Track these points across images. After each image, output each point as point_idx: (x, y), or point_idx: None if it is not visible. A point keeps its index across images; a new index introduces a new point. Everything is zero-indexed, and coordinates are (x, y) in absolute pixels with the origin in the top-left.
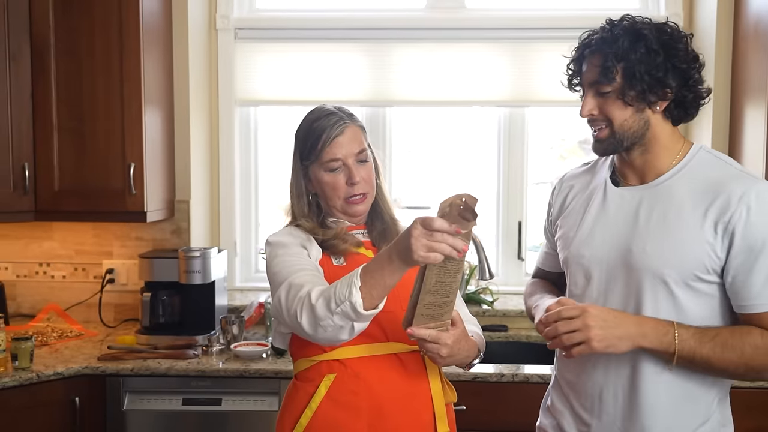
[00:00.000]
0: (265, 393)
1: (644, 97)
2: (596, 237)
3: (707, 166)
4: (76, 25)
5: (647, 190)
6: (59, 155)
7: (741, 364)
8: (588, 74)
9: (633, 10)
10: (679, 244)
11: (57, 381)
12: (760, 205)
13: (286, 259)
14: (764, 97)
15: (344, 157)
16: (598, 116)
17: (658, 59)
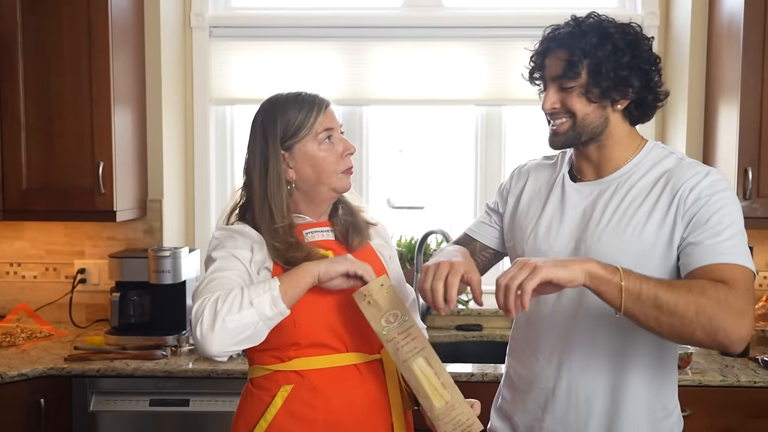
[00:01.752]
0: (233, 394)
1: (608, 95)
2: (553, 231)
3: (660, 159)
4: (44, 23)
5: (603, 184)
6: (27, 154)
7: (692, 301)
8: (552, 68)
9: (611, 9)
10: (633, 232)
11: (21, 382)
12: (711, 183)
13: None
14: (737, 94)
15: (334, 127)
16: (560, 110)
17: (624, 58)
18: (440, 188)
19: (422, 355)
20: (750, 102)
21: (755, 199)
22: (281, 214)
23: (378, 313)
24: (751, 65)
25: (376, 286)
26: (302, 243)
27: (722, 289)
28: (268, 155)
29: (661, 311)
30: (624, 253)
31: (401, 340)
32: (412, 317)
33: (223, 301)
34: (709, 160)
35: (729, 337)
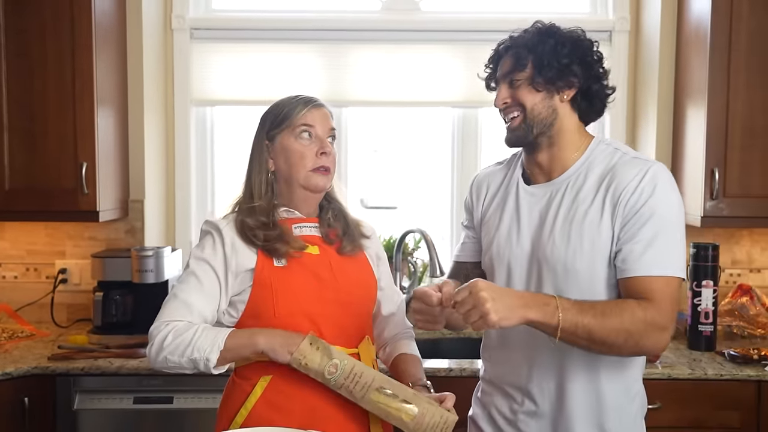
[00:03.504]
0: (216, 390)
1: (553, 83)
2: (513, 236)
3: (605, 156)
4: (27, 24)
5: (554, 185)
6: (10, 155)
7: (622, 330)
8: (503, 68)
9: (583, 14)
10: (584, 235)
11: (5, 381)
12: (648, 184)
13: (187, 277)
14: (704, 98)
15: (318, 126)
16: (511, 104)
17: (565, 50)
18: (416, 189)
19: (374, 386)
20: (717, 105)
21: (721, 199)
22: (259, 195)
23: (319, 369)
24: (717, 69)
25: (307, 347)
26: (278, 225)
27: (649, 310)
28: (256, 143)
29: (593, 342)
30: (577, 257)
31: (350, 384)
32: (350, 359)
33: (171, 341)
34: (677, 162)
35: (651, 352)
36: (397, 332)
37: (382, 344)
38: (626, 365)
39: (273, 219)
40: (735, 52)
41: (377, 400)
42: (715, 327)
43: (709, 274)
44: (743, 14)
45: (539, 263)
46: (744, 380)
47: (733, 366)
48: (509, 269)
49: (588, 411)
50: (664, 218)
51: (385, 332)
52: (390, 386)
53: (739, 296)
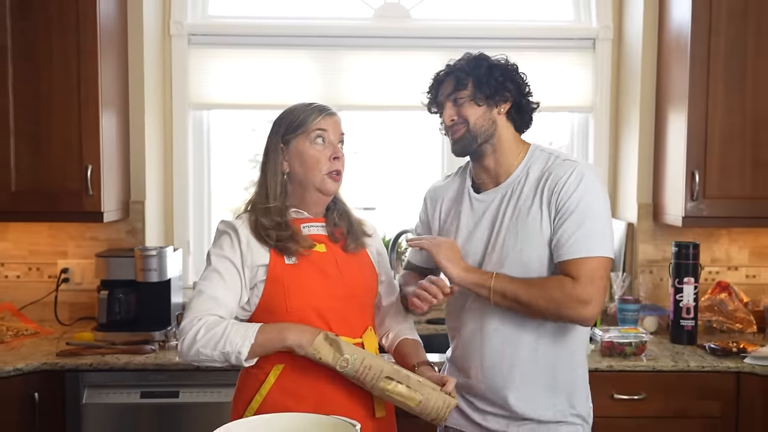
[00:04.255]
0: (221, 385)
1: (491, 97)
2: (470, 241)
3: (541, 161)
4: (33, 29)
5: (501, 190)
6: (16, 157)
7: (543, 297)
8: (445, 90)
9: (567, 22)
10: (531, 232)
11: (16, 377)
12: (575, 179)
13: (210, 274)
14: (685, 103)
15: (331, 132)
16: (456, 120)
17: (497, 72)
18: (407, 190)
19: (383, 376)
20: (697, 111)
21: (702, 200)
22: (274, 196)
23: (332, 363)
24: (697, 76)
25: (321, 343)
26: (290, 225)
27: (568, 284)
28: (271, 147)
29: (520, 305)
30: (527, 249)
31: (361, 375)
32: (360, 352)
33: (204, 334)
34: (659, 165)
35: (574, 320)
36: (398, 321)
37: (384, 332)
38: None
39: (285, 220)
40: (714, 60)
41: (385, 389)
42: (696, 322)
43: (690, 272)
44: (722, 24)
45: (495, 261)
46: (724, 372)
47: (714, 358)
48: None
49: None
50: (588, 207)
51: (387, 321)
52: (397, 376)
53: (718, 293)
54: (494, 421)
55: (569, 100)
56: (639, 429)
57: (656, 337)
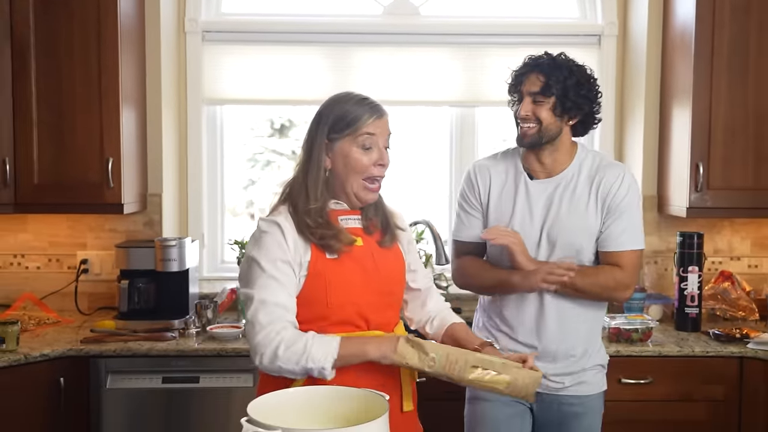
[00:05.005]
0: (240, 371)
1: (567, 112)
2: (526, 223)
3: (590, 159)
4: (55, 25)
5: (555, 182)
6: (39, 150)
7: (597, 283)
8: (531, 86)
9: (573, 19)
10: (583, 220)
11: (43, 362)
12: (622, 182)
13: (267, 281)
14: (689, 98)
15: (378, 136)
16: (531, 117)
17: (583, 90)
18: (415, 183)
19: (468, 366)
20: (701, 105)
21: (706, 191)
22: (315, 197)
23: (420, 365)
24: (701, 72)
25: (405, 348)
26: (331, 222)
27: (617, 273)
28: (314, 141)
29: (576, 291)
30: (579, 234)
31: (448, 370)
32: (442, 349)
33: (284, 350)
34: (663, 157)
35: (618, 301)
36: (439, 305)
37: (425, 317)
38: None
39: (327, 219)
40: (717, 55)
41: (473, 378)
42: (701, 309)
43: (694, 261)
44: (725, 20)
45: (548, 241)
46: (728, 357)
47: (718, 344)
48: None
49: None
50: (632, 206)
51: (429, 305)
52: (481, 363)
53: (721, 282)
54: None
55: None
56: (645, 412)
57: (661, 325)
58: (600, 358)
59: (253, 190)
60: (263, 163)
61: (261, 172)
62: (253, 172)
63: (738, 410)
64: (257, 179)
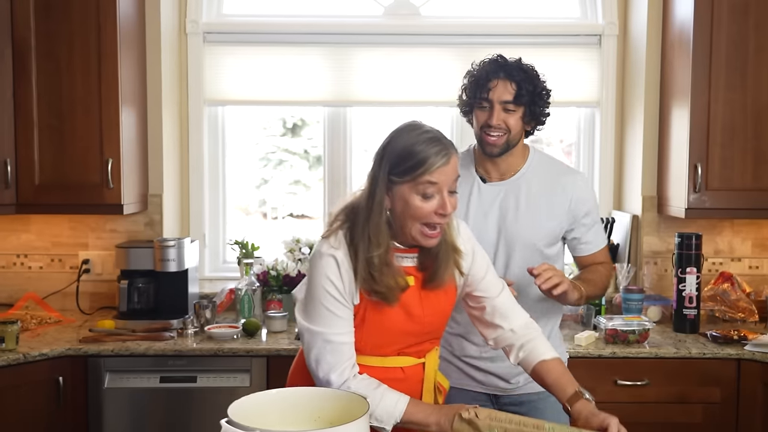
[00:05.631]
0: (237, 371)
1: (536, 120)
2: (480, 226)
3: (544, 164)
4: (56, 29)
5: (509, 184)
6: (39, 151)
7: (602, 287)
8: (502, 94)
9: (573, 19)
10: (542, 219)
11: (42, 362)
12: (584, 189)
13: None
14: (687, 98)
15: (441, 185)
16: (502, 126)
17: (547, 98)
18: None
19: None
20: (699, 105)
21: (704, 192)
22: (377, 243)
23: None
24: (699, 72)
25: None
26: (392, 267)
27: (607, 270)
28: (377, 178)
29: (592, 298)
30: (536, 237)
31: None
32: (499, 422)
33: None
34: (663, 158)
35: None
36: (525, 327)
37: (508, 340)
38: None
39: (389, 261)
40: (716, 55)
41: None
42: (699, 311)
43: (692, 262)
44: (723, 20)
45: (506, 244)
46: (725, 359)
47: (715, 346)
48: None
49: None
50: (596, 208)
51: (511, 323)
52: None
53: (720, 283)
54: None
55: (576, 95)
56: (641, 414)
57: (660, 327)
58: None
59: (266, 189)
60: (275, 162)
61: (273, 171)
62: (265, 171)
63: (735, 413)
64: (270, 178)
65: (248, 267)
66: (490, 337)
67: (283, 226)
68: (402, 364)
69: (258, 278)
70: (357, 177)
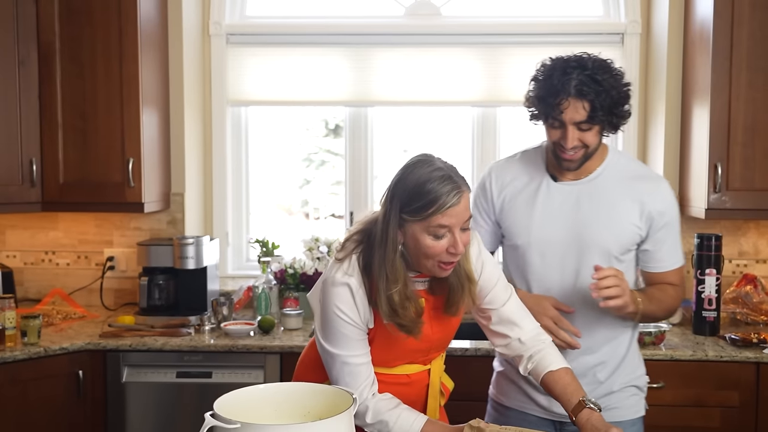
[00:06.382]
0: (251, 367)
1: (612, 129)
2: (547, 225)
3: (623, 165)
4: (79, 32)
5: (583, 184)
6: (64, 151)
7: (664, 310)
8: (574, 114)
9: (596, 17)
10: (618, 224)
11: (62, 355)
12: (666, 198)
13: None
14: (708, 96)
15: (452, 225)
16: (578, 144)
17: (626, 105)
18: None
19: None
20: (719, 103)
21: (724, 192)
22: (394, 279)
23: None
24: (720, 70)
25: None
26: (412, 302)
27: (677, 292)
28: (389, 213)
29: (649, 318)
30: (611, 242)
31: None
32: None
33: (372, 418)
34: (684, 157)
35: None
36: (534, 338)
37: (516, 350)
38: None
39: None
40: (736, 53)
41: None
42: (719, 313)
43: (712, 263)
44: (744, 17)
45: (578, 248)
46: (743, 362)
47: (734, 349)
48: (543, 251)
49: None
50: (676, 221)
51: (520, 332)
52: None
53: (743, 285)
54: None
55: None
56: (657, 417)
57: (679, 329)
58: (634, 377)
59: (308, 189)
60: (318, 163)
61: (316, 171)
62: (308, 171)
63: (754, 417)
64: (312, 179)
65: (265, 265)
66: (498, 346)
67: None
68: (408, 371)
69: (275, 276)
70: (378, 177)
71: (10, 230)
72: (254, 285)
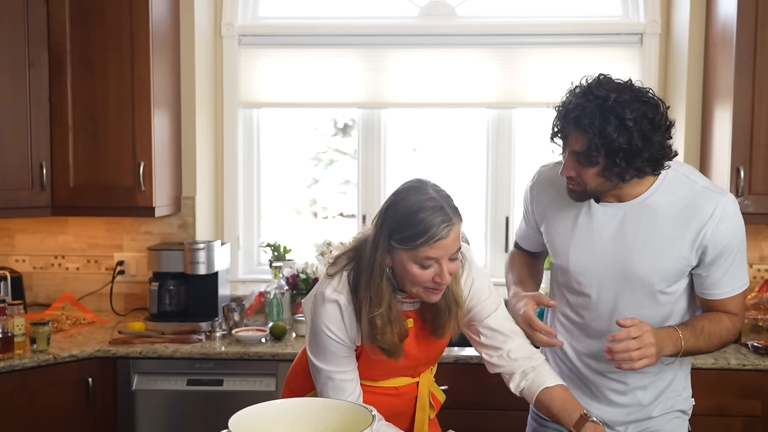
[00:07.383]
0: (263, 374)
1: (621, 178)
2: (587, 249)
3: (677, 184)
4: (90, 34)
5: (628, 207)
6: (74, 154)
7: (719, 344)
8: (573, 143)
9: (615, 17)
10: (664, 256)
11: (72, 363)
12: (724, 218)
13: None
14: (730, 98)
15: (440, 257)
16: (575, 178)
17: (639, 153)
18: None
19: None
20: (742, 106)
21: (747, 196)
22: (378, 303)
23: None
24: (743, 72)
25: None
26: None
27: (734, 322)
28: (378, 237)
29: (700, 352)
30: (656, 276)
31: None
32: None
33: None
34: (705, 160)
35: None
36: (526, 354)
37: (508, 368)
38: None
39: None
40: (760, 54)
41: None
42: None
43: None
44: None
45: (618, 276)
46: (766, 370)
47: (756, 357)
48: (583, 276)
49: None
50: (737, 243)
51: (510, 350)
52: None
53: (765, 290)
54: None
55: None
56: None
57: None
58: (680, 400)
59: (316, 188)
60: (326, 162)
61: (324, 171)
62: (316, 171)
63: None
64: (320, 178)
65: (277, 270)
66: (488, 363)
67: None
68: (396, 384)
69: (287, 281)
70: (390, 179)
71: (19, 234)
72: (266, 290)
